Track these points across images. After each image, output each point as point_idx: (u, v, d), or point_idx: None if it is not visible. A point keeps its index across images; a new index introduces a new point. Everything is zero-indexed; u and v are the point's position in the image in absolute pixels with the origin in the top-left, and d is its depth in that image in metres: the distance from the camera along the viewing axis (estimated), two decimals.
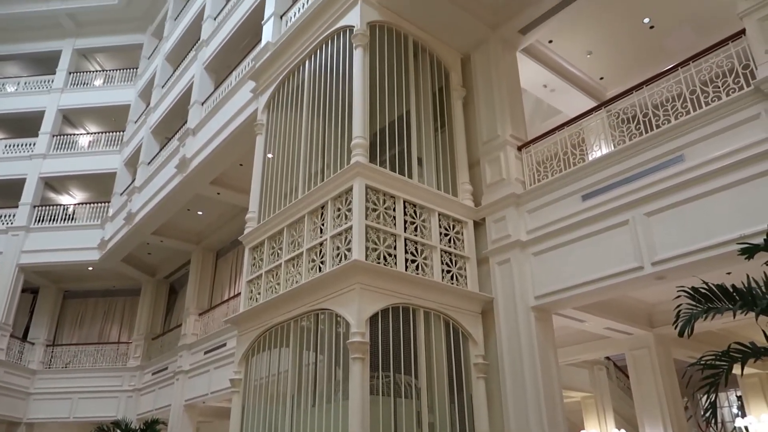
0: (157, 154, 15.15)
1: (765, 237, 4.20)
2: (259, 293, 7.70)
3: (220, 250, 15.67)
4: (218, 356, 12.46)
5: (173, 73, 15.81)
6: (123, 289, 18.23)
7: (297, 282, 6.98)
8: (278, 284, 7.36)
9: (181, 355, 13.88)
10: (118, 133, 18.61)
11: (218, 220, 14.54)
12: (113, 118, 19.45)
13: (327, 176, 7.20)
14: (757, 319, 4.14)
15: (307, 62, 8.55)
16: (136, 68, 19.31)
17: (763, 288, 4.28)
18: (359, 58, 7.40)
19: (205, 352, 13.09)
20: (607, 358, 13.70)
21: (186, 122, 13.26)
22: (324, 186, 7.02)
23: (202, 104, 13.03)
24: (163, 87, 16.24)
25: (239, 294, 10.33)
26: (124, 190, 16.48)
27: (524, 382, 6.52)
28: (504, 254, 7.24)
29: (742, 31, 5.84)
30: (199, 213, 14.21)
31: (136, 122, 17.77)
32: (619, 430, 13.08)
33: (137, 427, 13.34)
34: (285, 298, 6.98)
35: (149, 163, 15.37)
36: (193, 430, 13.47)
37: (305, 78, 8.45)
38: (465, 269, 7.27)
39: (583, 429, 13.45)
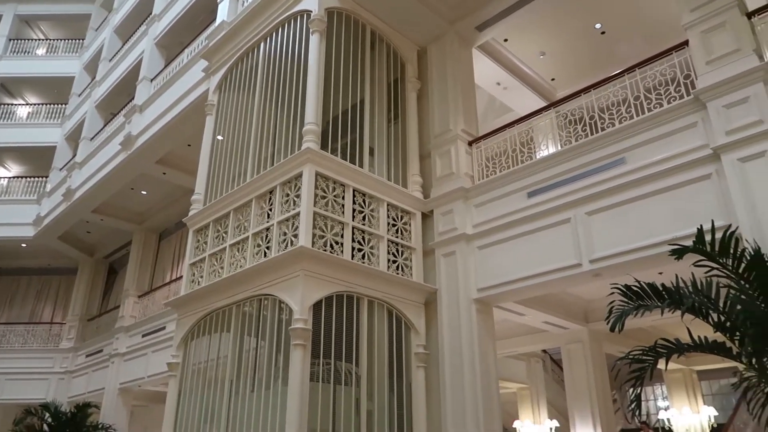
0: (101, 129, 14.61)
1: (694, 240, 4.42)
2: (201, 277, 7.56)
3: (163, 232, 15.27)
4: (156, 339, 12.17)
5: (122, 46, 15.25)
6: (59, 267, 17.54)
7: (241, 266, 6.88)
8: (222, 268, 7.24)
9: (118, 338, 13.50)
10: (60, 105, 17.85)
11: (163, 200, 14.15)
12: (55, 90, 18.61)
13: (277, 161, 7.11)
14: (682, 317, 4.35)
15: (262, 44, 8.40)
16: (83, 39, 18.52)
17: (690, 288, 4.50)
18: (315, 43, 7.33)
19: (143, 335, 12.77)
20: (544, 351, 14.13)
21: (133, 98, 12.83)
22: (273, 171, 6.94)
23: (151, 81, 12.63)
24: (110, 61, 15.65)
25: (181, 277, 10.11)
26: (64, 166, 15.85)
27: (463, 371, 6.65)
28: (450, 246, 7.34)
29: (686, 42, 6.09)
30: (143, 192, 13.80)
31: (80, 95, 17.08)
32: (551, 420, 13.53)
33: (68, 411, 12.89)
34: (228, 282, 6.88)
35: (92, 138, 14.79)
36: (128, 414, 13.14)
37: (259, 60, 8.30)
38: (411, 260, 7.34)
39: (518, 419, 13.84)
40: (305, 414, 5.56)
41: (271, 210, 6.91)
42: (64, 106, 17.70)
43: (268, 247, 6.67)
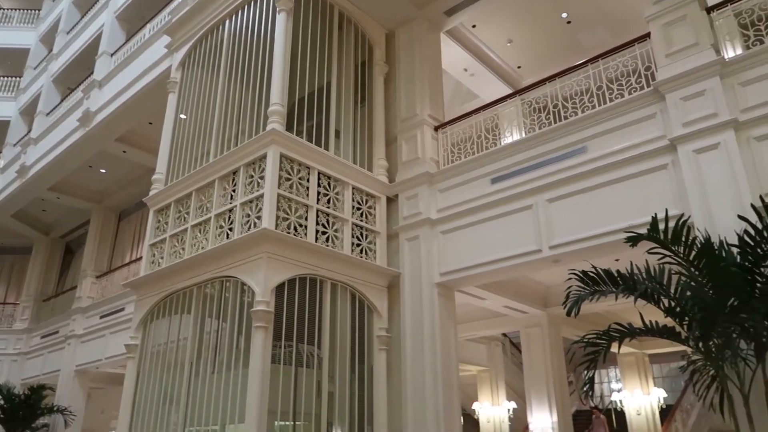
0: (58, 104, 14.14)
1: (648, 228, 4.56)
2: (162, 257, 7.44)
3: (123, 212, 14.93)
4: (115, 321, 11.96)
5: (81, 19, 14.72)
6: (12, 246, 17.04)
7: (203, 248, 6.79)
8: (183, 249, 7.14)
9: (75, 319, 13.20)
10: (14, 78, 17.19)
11: (123, 179, 13.82)
12: (9, 62, 17.93)
13: (241, 142, 7.01)
14: (635, 302, 4.49)
15: (227, 22, 8.22)
16: (38, 10, 17.82)
17: (643, 274, 4.66)
18: (282, 23, 7.21)
19: (101, 317, 12.52)
20: (504, 334, 14.40)
21: (92, 73, 12.43)
22: (237, 151, 6.84)
23: (112, 56, 12.26)
24: (68, 33, 15.10)
25: (141, 258, 9.93)
26: (18, 141, 15.31)
27: (424, 354, 6.74)
28: (414, 231, 7.39)
29: (648, 35, 6.22)
30: (102, 171, 13.45)
31: (35, 68, 16.49)
32: (509, 402, 13.85)
33: (21, 393, 12.60)
34: (189, 263, 6.79)
35: (48, 113, 14.32)
36: (84, 396, 12.93)
37: (224, 38, 8.13)
38: (375, 244, 7.36)
39: (477, 401, 14.12)
40: (266, 396, 5.56)
41: (234, 191, 6.82)
42: (18, 79, 17.08)
43: (230, 229, 6.60)
